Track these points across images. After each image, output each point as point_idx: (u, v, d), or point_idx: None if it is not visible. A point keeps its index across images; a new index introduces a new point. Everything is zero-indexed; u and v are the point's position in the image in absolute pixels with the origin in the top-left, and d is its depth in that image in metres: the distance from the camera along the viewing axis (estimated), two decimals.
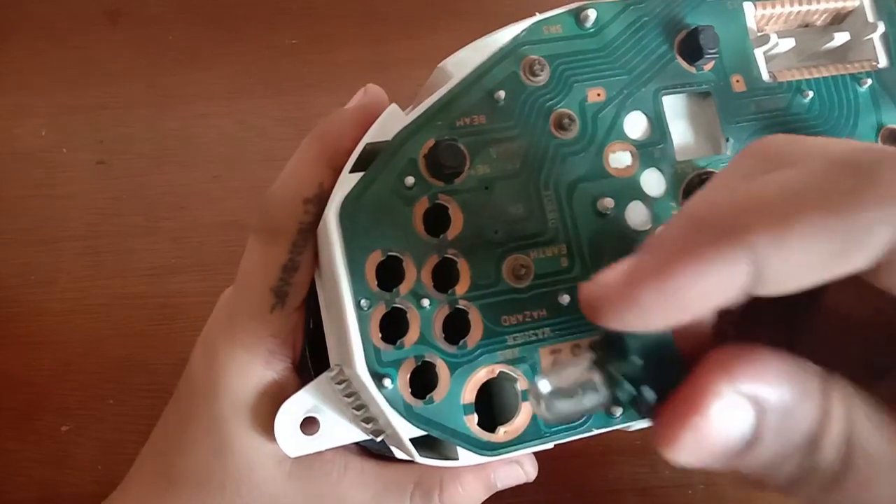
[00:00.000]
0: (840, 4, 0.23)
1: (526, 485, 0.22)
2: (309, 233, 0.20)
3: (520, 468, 0.21)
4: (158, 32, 0.39)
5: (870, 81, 0.22)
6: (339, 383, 0.19)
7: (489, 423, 0.19)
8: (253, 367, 0.20)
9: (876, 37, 0.23)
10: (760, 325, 0.16)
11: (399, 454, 0.20)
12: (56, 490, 0.31)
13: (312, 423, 0.19)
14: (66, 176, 0.36)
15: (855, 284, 0.13)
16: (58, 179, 0.36)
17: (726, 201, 0.12)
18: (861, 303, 0.14)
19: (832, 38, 0.23)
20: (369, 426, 0.19)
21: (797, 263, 0.11)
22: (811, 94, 0.22)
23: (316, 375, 0.20)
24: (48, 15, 0.39)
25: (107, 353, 0.33)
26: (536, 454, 0.21)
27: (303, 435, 0.19)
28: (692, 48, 0.21)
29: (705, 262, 0.11)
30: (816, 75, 0.22)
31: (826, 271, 0.11)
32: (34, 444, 0.31)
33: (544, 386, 0.13)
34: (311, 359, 0.22)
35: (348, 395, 0.19)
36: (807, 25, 0.24)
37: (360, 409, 0.19)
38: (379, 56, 0.38)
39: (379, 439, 0.19)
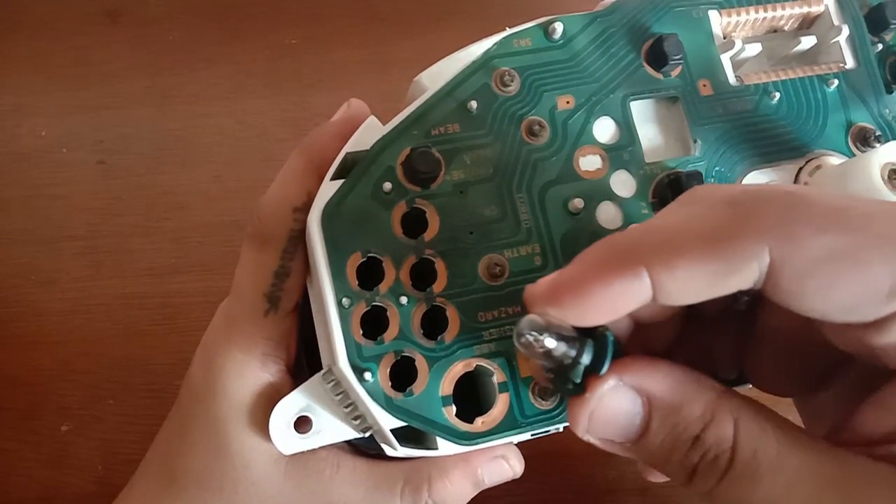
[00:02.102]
0: (805, 10, 0.24)
1: (526, 484, 0.22)
2: (299, 240, 0.21)
3: (505, 463, 0.22)
4: (158, 32, 0.39)
5: (837, 82, 0.23)
6: (330, 383, 0.20)
7: (476, 415, 0.20)
8: (249, 370, 0.21)
9: (842, 39, 0.24)
10: (716, 342, 0.19)
11: (389, 451, 0.20)
12: (56, 490, 0.30)
13: (305, 423, 0.20)
14: (66, 176, 0.36)
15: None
16: (58, 179, 0.36)
17: (637, 232, 0.15)
18: (787, 318, 0.16)
19: (800, 42, 0.24)
20: (358, 423, 0.20)
21: (686, 284, 0.14)
22: (778, 95, 0.23)
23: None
24: (48, 14, 0.39)
25: (107, 353, 0.33)
26: (537, 454, 0.21)
27: (296, 433, 0.20)
28: (658, 56, 0.22)
29: (609, 281, 0.14)
30: (784, 77, 0.23)
31: (713, 289, 0.14)
32: (34, 444, 0.31)
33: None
34: (307, 362, 0.22)
35: (338, 395, 0.20)
36: (775, 31, 0.25)
37: (349, 408, 0.20)
38: (379, 56, 0.38)
39: (367, 434, 0.20)
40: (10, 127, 0.37)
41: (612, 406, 0.15)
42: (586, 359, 0.15)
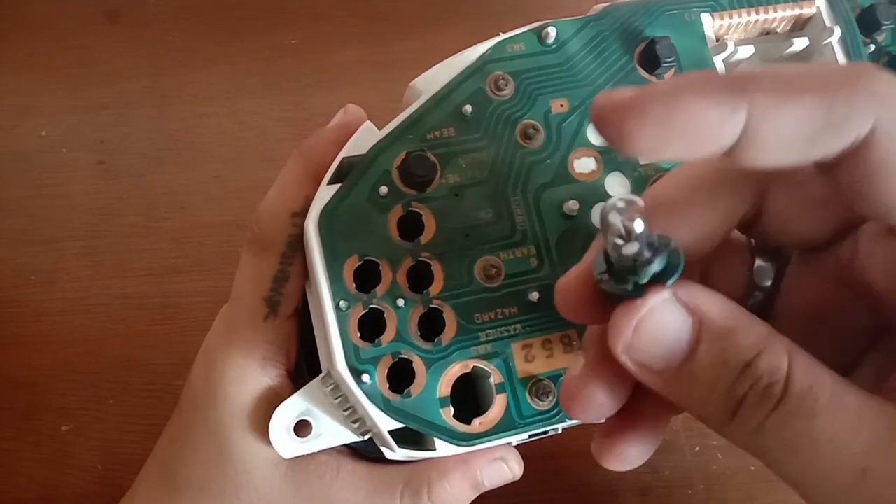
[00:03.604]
0: (797, 12, 0.24)
1: (526, 485, 0.22)
2: (298, 244, 0.21)
3: (505, 466, 0.22)
4: (158, 32, 0.39)
5: None
6: (329, 386, 0.20)
7: (474, 416, 0.20)
8: (249, 374, 0.21)
9: (834, 41, 0.24)
10: None
11: (388, 454, 0.20)
12: (56, 490, 0.31)
13: (305, 426, 0.20)
14: (66, 176, 0.36)
15: (808, 271, 0.15)
16: (58, 179, 0.36)
17: (745, 70, 0.13)
18: (815, 291, 0.15)
19: (792, 44, 0.24)
20: (357, 426, 0.20)
21: (784, 133, 0.12)
22: None
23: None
24: (48, 15, 0.39)
25: (107, 353, 0.33)
26: (536, 454, 0.21)
27: (296, 437, 0.20)
28: (650, 58, 0.22)
29: (709, 99, 0.12)
30: None
31: (801, 150, 0.13)
32: (34, 444, 0.31)
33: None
34: (306, 367, 0.22)
35: (338, 398, 0.20)
36: (768, 33, 0.25)
37: (348, 411, 0.20)
38: (379, 56, 0.38)
39: (366, 437, 0.20)
40: (10, 127, 0.37)
41: (662, 319, 0.14)
42: (658, 264, 0.14)
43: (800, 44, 0.24)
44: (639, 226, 0.13)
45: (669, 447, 0.31)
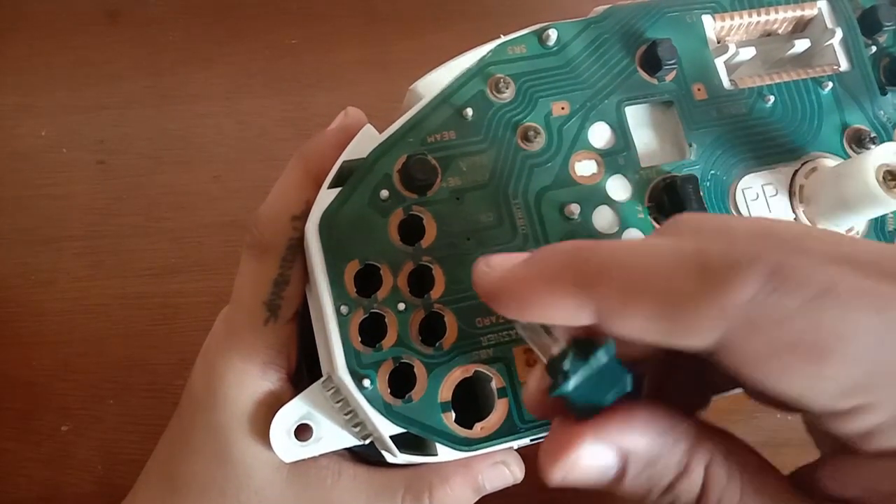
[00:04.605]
0: (799, 13, 0.24)
1: (526, 485, 0.22)
2: (298, 248, 0.21)
3: (506, 469, 0.22)
4: (158, 32, 0.39)
5: (831, 84, 0.24)
6: (330, 390, 0.20)
7: (476, 420, 0.20)
8: (249, 378, 0.21)
9: (835, 42, 0.24)
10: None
11: (389, 458, 0.20)
12: (56, 490, 0.31)
13: (306, 430, 0.20)
14: (66, 176, 0.36)
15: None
16: (58, 179, 0.36)
17: (604, 254, 0.14)
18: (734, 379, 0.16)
19: (793, 46, 0.24)
20: (358, 430, 0.20)
21: (632, 330, 0.14)
22: (773, 98, 0.23)
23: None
24: (48, 15, 0.39)
25: (107, 353, 0.33)
26: (536, 454, 0.21)
27: (297, 441, 0.20)
28: (652, 61, 0.22)
29: (557, 294, 0.14)
30: (778, 80, 0.23)
31: (658, 342, 0.14)
32: (34, 444, 0.31)
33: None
34: (307, 370, 0.22)
35: (338, 402, 0.20)
36: (769, 35, 0.25)
37: (349, 415, 0.20)
38: (379, 56, 0.38)
39: (367, 441, 0.20)
40: (10, 127, 0.37)
41: (589, 464, 0.15)
42: (572, 352, 0.14)
43: (801, 45, 0.24)
44: (521, 330, 0.15)
45: None
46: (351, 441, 0.20)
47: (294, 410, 0.20)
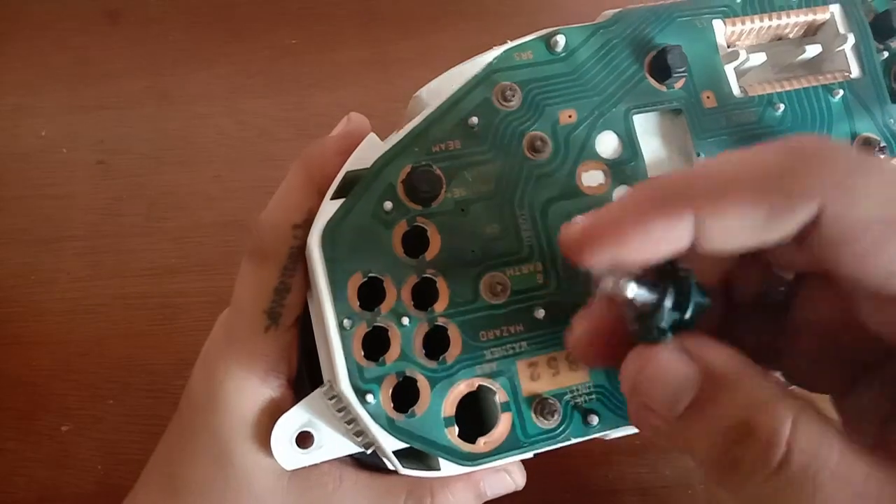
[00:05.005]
0: (811, 18, 0.23)
1: (526, 485, 0.22)
2: (299, 256, 0.20)
3: (508, 476, 0.22)
4: (158, 32, 0.39)
5: (842, 92, 0.23)
6: (331, 398, 0.20)
7: (479, 434, 0.19)
8: (250, 385, 0.21)
9: (847, 48, 0.23)
10: (750, 337, 0.17)
11: (391, 465, 0.20)
12: (56, 490, 0.31)
13: (307, 438, 0.20)
14: (66, 176, 0.36)
15: (817, 286, 0.15)
16: (58, 179, 0.36)
17: (685, 174, 0.14)
18: (825, 308, 0.16)
19: (804, 51, 0.23)
20: (360, 439, 0.20)
21: (730, 228, 0.13)
22: (783, 106, 0.23)
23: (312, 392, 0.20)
24: (48, 15, 0.39)
25: (107, 353, 0.33)
26: (536, 462, 0.21)
27: (298, 449, 0.20)
28: (661, 68, 0.22)
29: (650, 223, 0.14)
30: (788, 88, 0.23)
31: (755, 237, 0.13)
32: (34, 444, 0.31)
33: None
34: (308, 376, 0.22)
35: (340, 410, 0.20)
36: (780, 39, 0.24)
37: (351, 423, 0.20)
38: (379, 56, 0.38)
39: (370, 451, 0.20)
40: (10, 127, 0.37)
41: (666, 365, 0.14)
42: (668, 301, 0.14)
43: (812, 50, 0.23)
44: (630, 289, 0.14)
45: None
46: (352, 448, 0.20)
47: (295, 418, 0.20)
